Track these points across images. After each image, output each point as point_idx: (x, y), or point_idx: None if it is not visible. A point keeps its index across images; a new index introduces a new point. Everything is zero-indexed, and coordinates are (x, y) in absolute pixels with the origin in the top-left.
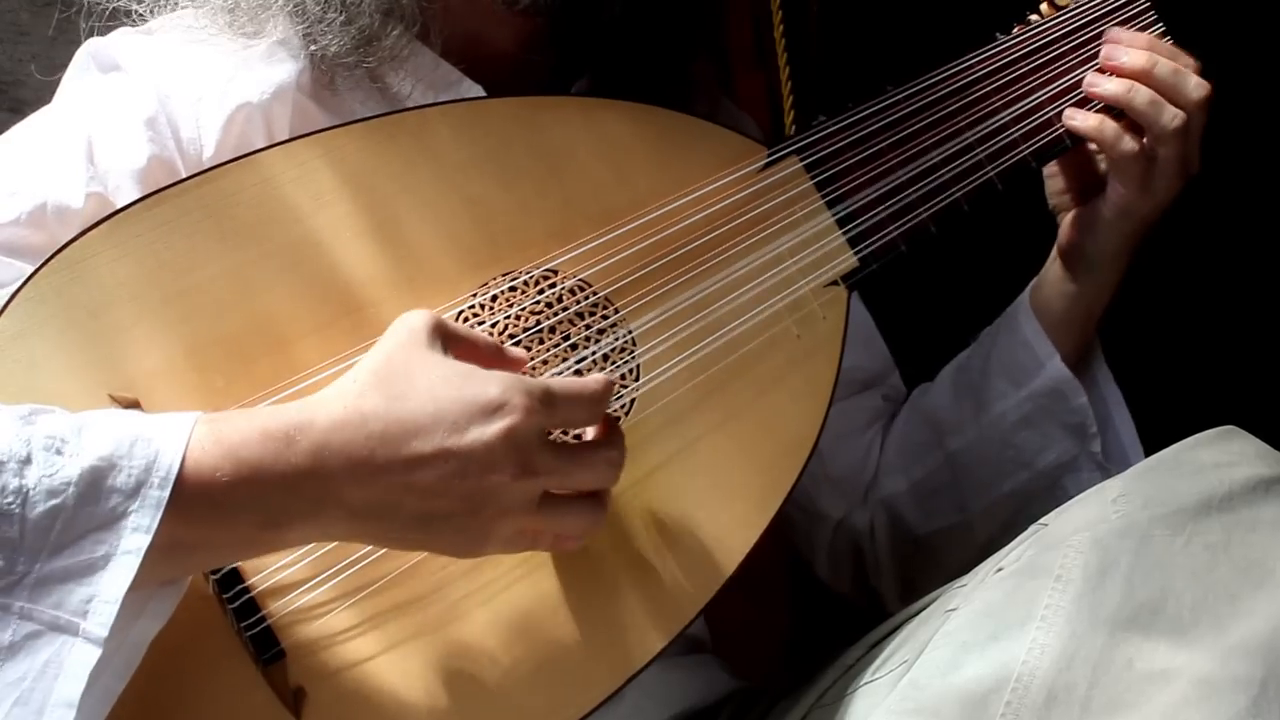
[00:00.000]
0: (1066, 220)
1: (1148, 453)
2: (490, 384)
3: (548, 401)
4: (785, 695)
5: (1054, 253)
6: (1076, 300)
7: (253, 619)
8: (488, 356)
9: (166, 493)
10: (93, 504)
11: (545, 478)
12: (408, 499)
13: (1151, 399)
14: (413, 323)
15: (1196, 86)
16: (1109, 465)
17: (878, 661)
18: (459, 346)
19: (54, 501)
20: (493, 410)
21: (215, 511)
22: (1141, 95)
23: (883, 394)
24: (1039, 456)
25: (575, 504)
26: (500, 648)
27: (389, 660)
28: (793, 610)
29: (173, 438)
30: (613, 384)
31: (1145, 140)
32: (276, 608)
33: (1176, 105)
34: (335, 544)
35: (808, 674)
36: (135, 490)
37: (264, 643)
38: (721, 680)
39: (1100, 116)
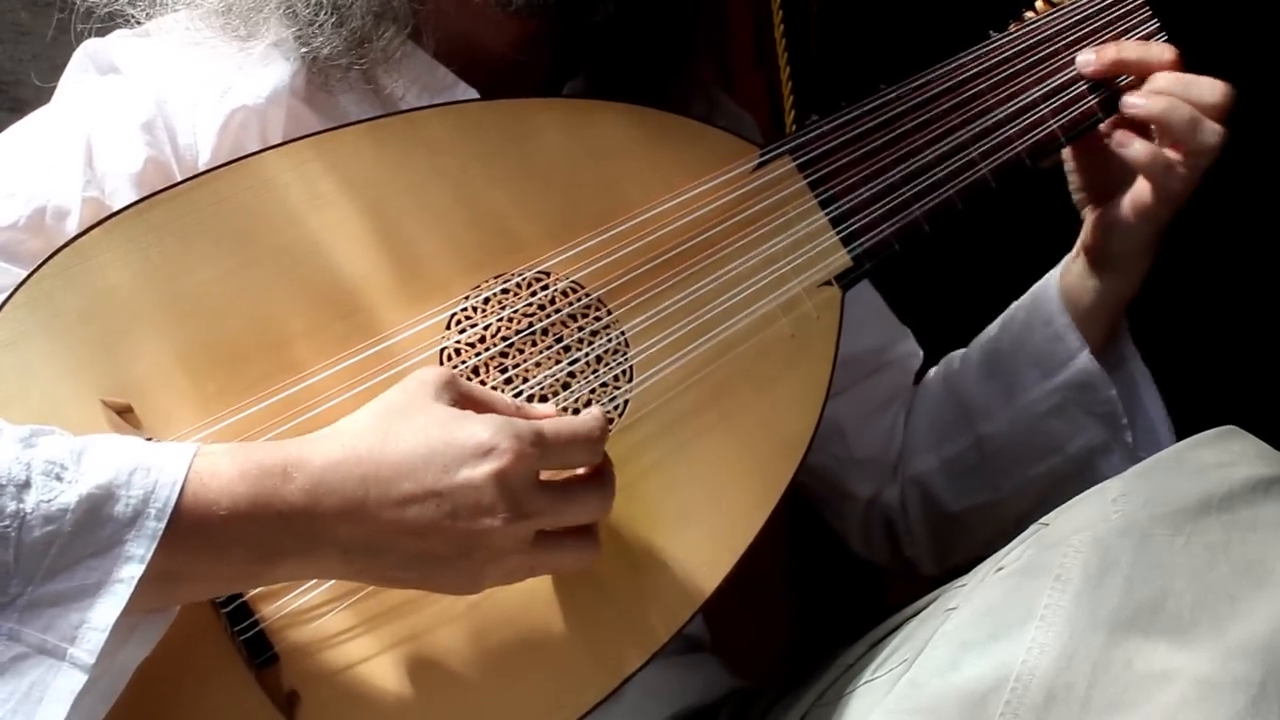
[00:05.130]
0: (1088, 222)
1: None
2: (480, 427)
3: (539, 443)
4: (785, 694)
5: (1078, 247)
6: (1103, 294)
7: (246, 623)
8: (509, 415)
9: (163, 524)
10: (89, 531)
11: (537, 519)
12: (400, 539)
13: None
14: (425, 375)
15: (1213, 90)
16: (1139, 452)
17: (877, 660)
18: (472, 405)
19: (50, 527)
20: (482, 453)
21: (209, 544)
22: (1181, 113)
23: (900, 367)
24: (1069, 442)
25: (568, 541)
26: (495, 649)
27: (383, 663)
28: (792, 610)
29: (172, 469)
30: (609, 420)
31: (1182, 155)
32: (270, 611)
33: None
34: None
35: (807, 673)
36: (132, 520)
37: (257, 647)
38: (721, 679)
39: (1153, 150)
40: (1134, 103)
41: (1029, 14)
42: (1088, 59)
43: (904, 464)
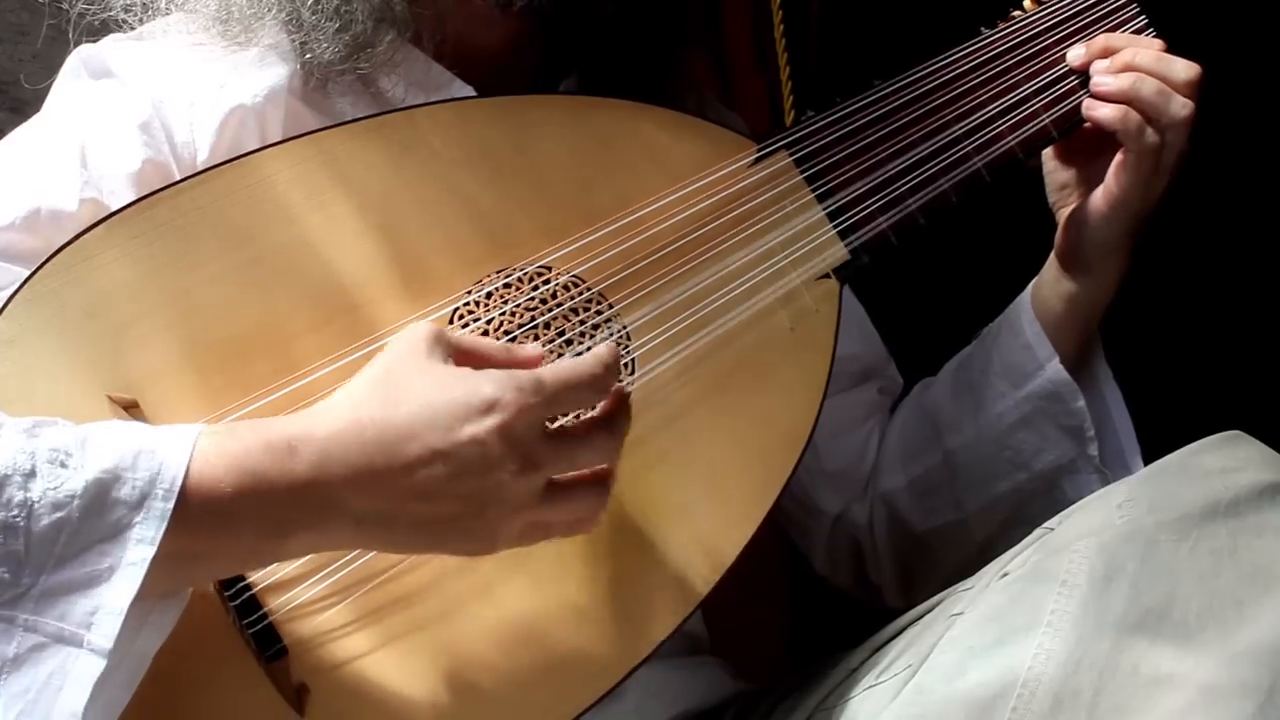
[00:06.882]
0: (1061, 220)
1: (1153, 458)
2: (482, 383)
3: (541, 392)
4: (787, 697)
5: (1052, 253)
6: (1075, 301)
7: (254, 616)
8: (499, 361)
9: (171, 504)
10: (97, 516)
11: (548, 468)
12: (410, 504)
13: (1157, 404)
14: (414, 333)
15: (1185, 68)
16: (1105, 469)
17: (881, 665)
18: (464, 356)
19: (58, 514)
20: (486, 409)
21: (219, 522)
22: (1149, 86)
23: (879, 386)
24: (1036, 458)
25: (579, 489)
26: (500, 641)
27: (391, 655)
28: (793, 611)
29: (177, 449)
30: (614, 354)
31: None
32: (277, 605)
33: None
34: None
35: (809, 677)
36: (140, 502)
37: (266, 640)
38: (723, 682)
39: (1124, 108)
40: (1102, 80)
41: (1016, 13)
42: (1078, 52)
43: (874, 482)
